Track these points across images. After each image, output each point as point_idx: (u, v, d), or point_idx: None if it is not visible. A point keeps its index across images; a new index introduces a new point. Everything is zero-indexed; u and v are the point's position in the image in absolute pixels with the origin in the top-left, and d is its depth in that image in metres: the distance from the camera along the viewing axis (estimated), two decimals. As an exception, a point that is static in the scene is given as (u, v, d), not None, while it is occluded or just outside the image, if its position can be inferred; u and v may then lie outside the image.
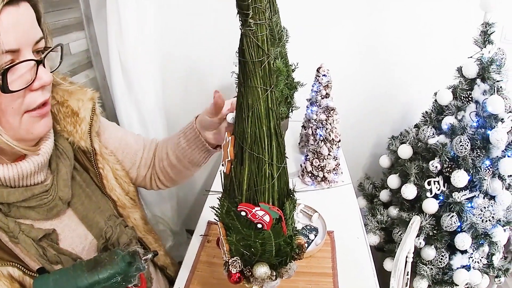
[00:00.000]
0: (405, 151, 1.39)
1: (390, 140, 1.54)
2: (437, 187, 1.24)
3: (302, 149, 1.43)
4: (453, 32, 1.49)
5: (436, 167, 1.22)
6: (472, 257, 1.22)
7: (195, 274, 0.84)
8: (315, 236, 0.96)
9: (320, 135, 1.16)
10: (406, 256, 0.98)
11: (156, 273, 0.90)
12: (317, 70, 1.22)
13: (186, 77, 1.73)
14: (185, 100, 1.77)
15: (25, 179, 0.60)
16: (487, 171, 1.16)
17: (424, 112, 1.38)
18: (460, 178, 1.16)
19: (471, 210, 1.17)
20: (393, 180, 1.43)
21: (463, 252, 1.23)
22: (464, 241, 1.16)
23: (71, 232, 0.68)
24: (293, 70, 1.28)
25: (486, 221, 1.16)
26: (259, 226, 0.51)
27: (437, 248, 1.24)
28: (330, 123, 1.15)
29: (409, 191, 1.29)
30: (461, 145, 1.15)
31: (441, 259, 1.23)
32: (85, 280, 0.51)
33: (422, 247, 1.26)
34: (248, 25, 0.39)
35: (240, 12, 0.39)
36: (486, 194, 1.21)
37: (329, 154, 1.17)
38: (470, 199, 1.19)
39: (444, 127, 1.26)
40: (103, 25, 1.47)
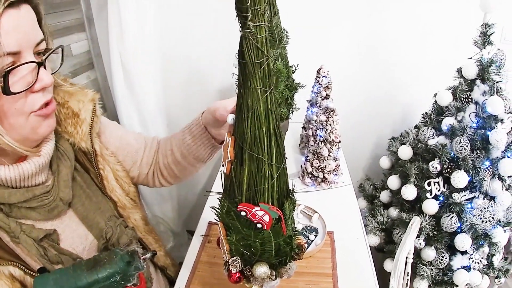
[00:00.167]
0: (405, 152, 1.39)
1: (390, 141, 1.55)
2: (437, 188, 1.24)
3: (303, 150, 1.43)
4: (453, 33, 1.49)
5: (436, 168, 1.22)
6: (472, 258, 1.22)
7: (196, 274, 0.84)
8: (315, 237, 0.96)
9: (320, 136, 1.17)
10: (406, 257, 0.98)
11: (157, 274, 0.90)
12: (317, 72, 1.23)
13: (187, 78, 1.74)
14: (186, 101, 1.77)
15: (26, 180, 0.60)
16: (487, 172, 1.16)
17: (424, 113, 1.38)
18: (460, 179, 1.16)
19: (471, 211, 1.17)
20: (393, 181, 1.43)
21: (463, 253, 1.23)
22: (464, 242, 1.17)
23: (72, 233, 0.68)
24: (294, 72, 1.28)
25: (486, 222, 1.16)
26: (259, 226, 0.52)
27: (437, 249, 1.24)
28: (330, 124, 1.15)
29: (409, 192, 1.29)
30: (461, 146, 1.15)
31: (441, 260, 1.23)
32: (85, 279, 0.51)
33: (422, 248, 1.26)
34: (248, 28, 0.40)
35: (239, 15, 0.39)
36: (486, 195, 1.21)
37: (329, 155, 1.17)
38: (470, 200, 1.19)
39: (444, 128, 1.26)
40: (104, 27, 1.48)
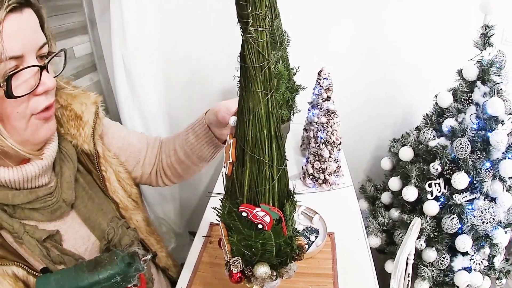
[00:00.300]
0: (406, 154, 1.39)
1: (391, 143, 1.55)
2: (438, 189, 1.24)
3: (304, 152, 1.43)
4: (454, 34, 1.50)
5: (437, 169, 1.22)
6: (473, 259, 1.22)
7: (197, 275, 0.85)
8: (316, 238, 0.96)
9: (321, 138, 1.17)
10: (407, 258, 0.98)
11: (158, 274, 0.91)
12: (318, 74, 1.23)
13: (188, 79, 1.74)
14: (188, 102, 1.78)
15: (30, 182, 0.61)
16: (488, 173, 1.16)
17: (425, 115, 1.38)
18: (461, 180, 1.16)
19: (472, 212, 1.17)
20: (394, 182, 1.43)
21: (464, 254, 1.23)
22: (465, 243, 1.17)
23: (74, 233, 0.69)
24: (295, 74, 1.29)
25: (487, 223, 1.16)
26: (260, 227, 0.52)
27: (438, 250, 1.24)
28: (331, 126, 1.16)
29: (410, 193, 1.29)
30: (462, 147, 1.15)
31: (442, 261, 1.23)
32: (86, 280, 0.52)
33: (423, 249, 1.26)
34: (249, 32, 0.41)
35: (241, 21, 0.40)
36: (487, 196, 1.21)
37: (330, 157, 1.18)
38: (471, 201, 1.19)
39: (445, 130, 1.26)
40: (107, 29, 1.49)
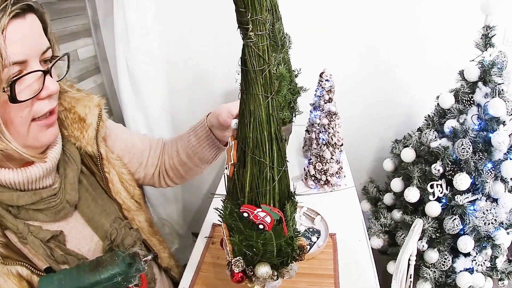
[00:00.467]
0: (408, 155, 1.39)
1: (393, 144, 1.55)
2: (440, 190, 1.24)
3: (306, 153, 1.44)
4: (455, 35, 1.50)
5: (439, 170, 1.22)
6: (476, 260, 1.22)
7: (200, 275, 0.85)
8: (318, 238, 0.97)
9: (323, 139, 1.18)
10: (409, 259, 0.98)
11: (161, 275, 0.91)
12: (320, 75, 1.24)
13: (191, 81, 1.76)
14: (190, 104, 1.79)
15: (34, 183, 0.62)
16: (489, 174, 1.17)
17: (427, 116, 1.38)
18: (462, 181, 1.16)
19: (474, 213, 1.17)
20: (397, 184, 1.43)
21: (466, 255, 1.23)
22: (467, 244, 1.17)
23: (78, 234, 0.70)
24: (296, 76, 1.30)
25: (489, 224, 1.16)
26: (261, 227, 0.53)
27: (440, 251, 1.25)
28: (333, 127, 1.17)
29: (412, 194, 1.29)
30: (463, 148, 1.15)
31: (444, 262, 1.23)
32: (87, 280, 0.53)
33: (425, 250, 1.26)
34: (249, 37, 0.42)
35: (241, 27, 0.41)
36: (489, 197, 1.21)
37: (332, 158, 1.18)
38: (473, 202, 1.19)
39: (446, 131, 1.26)
40: (110, 32, 1.50)
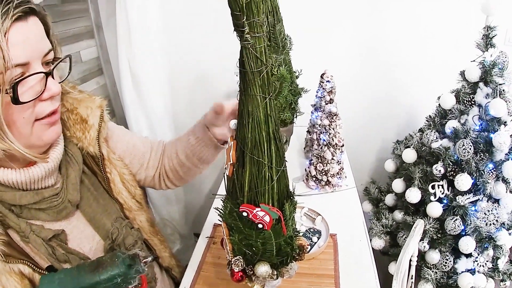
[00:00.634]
0: (409, 155, 1.39)
1: (395, 145, 1.55)
2: (441, 191, 1.24)
3: (307, 154, 1.44)
4: (456, 36, 1.50)
5: (440, 171, 1.22)
6: (477, 261, 1.22)
7: (201, 275, 0.86)
8: (318, 239, 0.97)
9: (324, 140, 1.18)
10: (410, 260, 0.98)
11: (162, 274, 0.92)
12: (321, 76, 1.24)
13: (193, 82, 1.76)
14: (193, 105, 1.80)
15: (36, 183, 0.63)
16: (491, 175, 1.16)
17: (428, 116, 1.38)
18: (464, 182, 1.16)
19: (475, 214, 1.17)
20: (398, 184, 1.43)
21: (468, 256, 1.23)
22: (468, 245, 1.17)
23: (79, 233, 0.71)
24: (297, 77, 1.30)
25: (490, 225, 1.16)
26: (260, 226, 0.54)
27: (442, 252, 1.24)
28: (333, 128, 1.17)
29: (413, 195, 1.29)
30: (464, 149, 1.15)
31: (446, 263, 1.23)
32: (87, 280, 0.54)
33: (427, 251, 1.26)
34: (245, 39, 0.42)
35: (237, 29, 0.42)
36: (490, 198, 1.21)
37: (333, 159, 1.19)
38: (474, 203, 1.19)
39: (448, 131, 1.26)
40: (113, 34, 1.51)
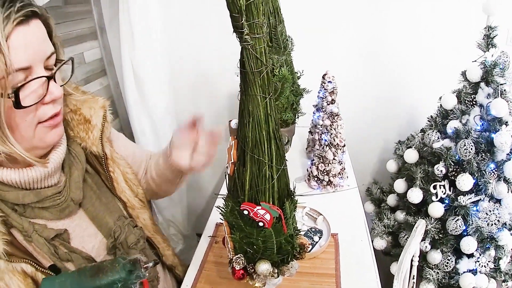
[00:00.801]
0: (411, 156, 1.39)
1: (397, 145, 1.55)
2: (443, 191, 1.24)
3: (309, 154, 1.45)
4: (457, 36, 1.50)
5: (441, 171, 1.23)
6: (479, 261, 1.22)
7: (203, 273, 0.87)
8: (320, 238, 0.98)
9: (325, 140, 1.19)
10: (412, 260, 0.98)
11: (164, 273, 0.93)
12: (323, 77, 1.24)
13: (196, 84, 1.78)
14: (195, 106, 1.81)
15: (39, 182, 0.64)
16: (492, 175, 1.17)
17: (429, 117, 1.39)
18: (465, 182, 1.16)
19: (477, 214, 1.17)
20: (400, 185, 1.43)
21: (470, 256, 1.23)
22: (470, 245, 1.17)
23: (82, 232, 0.72)
24: (299, 77, 1.31)
25: (492, 225, 1.16)
26: (261, 225, 0.54)
27: (443, 252, 1.24)
28: (335, 129, 1.18)
29: (415, 195, 1.30)
30: (465, 149, 1.16)
31: (447, 263, 1.23)
32: (88, 285, 0.54)
33: (428, 251, 1.26)
34: (245, 40, 0.43)
35: (236, 30, 0.43)
36: (492, 198, 1.21)
37: (334, 159, 1.19)
38: (476, 203, 1.19)
39: (449, 131, 1.26)
40: (116, 35, 1.53)
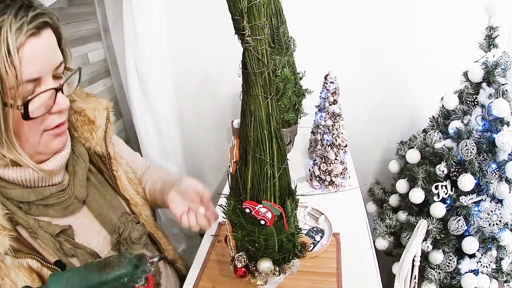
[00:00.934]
0: (413, 156, 1.39)
1: (399, 145, 1.56)
2: (445, 191, 1.24)
3: (312, 154, 1.45)
4: (459, 36, 1.51)
5: (443, 171, 1.23)
6: (481, 262, 1.22)
7: (205, 272, 0.88)
8: (321, 238, 0.99)
9: (327, 140, 1.20)
10: (413, 260, 0.99)
11: (166, 268, 0.94)
12: (325, 77, 1.25)
13: (199, 85, 1.79)
14: (198, 107, 1.82)
15: (43, 181, 0.66)
16: (494, 175, 1.16)
17: (431, 117, 1.39)
18: (467, 182, 1.17)
19: (478, 214, 1.17)
20: (402, 185, 1.43)
21: (471, 257, 1.23)
22: (471, 245, 1.17)
23: (86, 228, 0.73)
24: (301, 78, 1.32)
25: (493, 225, 1.16)
26: (262, 223, 0.55)
27: (445, 252, 1.25)
28: (336, 129, 1.18)
29: (417, 196, 1.30)
30: (467, 149, 1.16)
31: (449, 263, 1.23)
32: (95, 280, 0.55)
33: (430, 251, 1.26)
34: (246, 42, 0.44)
35: (237, 32, 0.44)
36: (493, 198, 1.21)
37: (336, 159, 1.20)
38: (477, 203, 1.19)
39: (451, 132, 1.26)
40: (120, 36, 1.54)
